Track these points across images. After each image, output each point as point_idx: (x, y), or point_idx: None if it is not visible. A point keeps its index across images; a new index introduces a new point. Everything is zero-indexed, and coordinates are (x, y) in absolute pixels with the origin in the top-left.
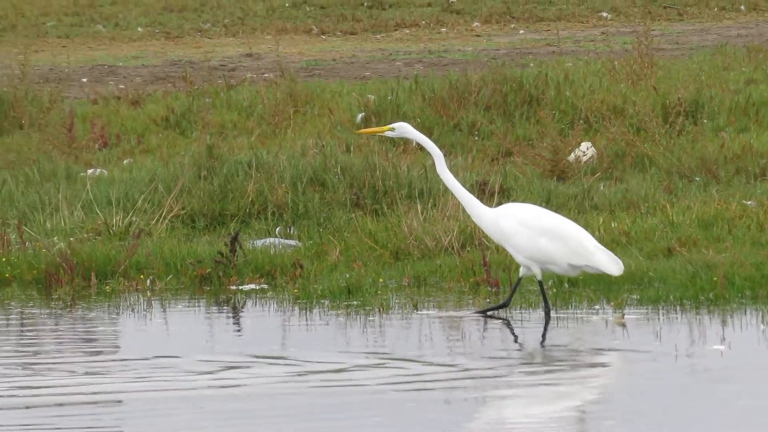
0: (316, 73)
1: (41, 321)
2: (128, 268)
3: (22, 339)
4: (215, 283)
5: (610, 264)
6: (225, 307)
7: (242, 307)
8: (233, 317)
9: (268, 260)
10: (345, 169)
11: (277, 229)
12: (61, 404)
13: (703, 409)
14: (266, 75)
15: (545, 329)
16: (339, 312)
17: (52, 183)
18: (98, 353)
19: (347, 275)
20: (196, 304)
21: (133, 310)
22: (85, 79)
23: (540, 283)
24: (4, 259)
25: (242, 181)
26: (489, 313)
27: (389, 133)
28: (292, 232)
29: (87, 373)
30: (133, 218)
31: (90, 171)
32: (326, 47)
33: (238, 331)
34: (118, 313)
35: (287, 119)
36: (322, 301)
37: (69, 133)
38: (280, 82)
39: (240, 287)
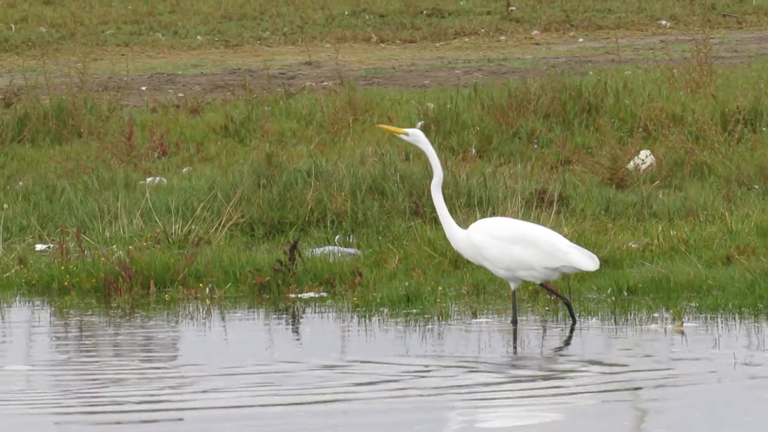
0: (375, 81)
1: (100, 329)
2: (187, 277)
3: (82, 348)
4: (274, 292)
5: (586, 261)
6: (284, 315)
7: (301, 315)
8: (292, 325)
9: (327, 268)
10: (404, 177)
11: (336, 238)
12: (119, 422)
13: (761, 417)
14: (325, 83)
15: (515, 337)
16: (398, 320)
17: (111, 191)
18: (157, 363)
19: (406, 283)
20: (255, 312)
21: (192, 318)
22: (144, 88)
23: (513, 294)
24: (63, 268)
25: (301, 189)
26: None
27: (403, 137)
28: (351, 240)
29: (146, 384)
30: (192, 226)
31: (149, 179)
32: (385, 55)
33: (298, 339)
34: (177, 322)
35: (346, 127)
36: (381, 309)
37: (128, 141)
38: (339, 90)
39: (299, 295)
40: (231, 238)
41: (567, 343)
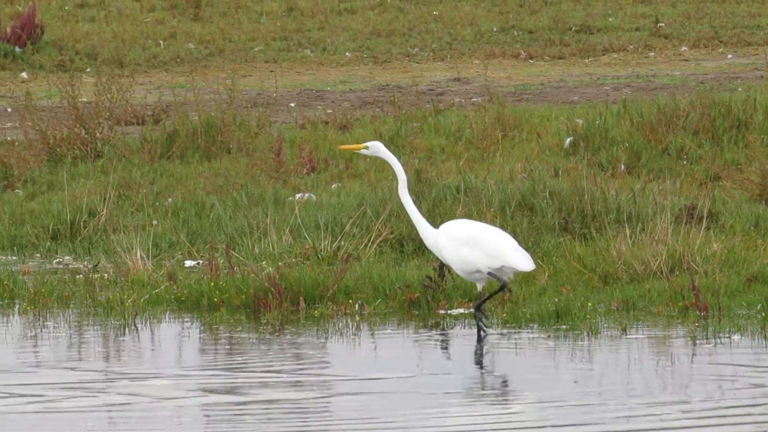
0: (524, 97)
1: (250, 346)
2: (336, 293)
3: (230, 364)
4: (424, 308)
5: (522, 261)
6: (434, 331)
7: (450, 330)
8: (442, 340)
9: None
10: (553, 193)
11: None
12: None
13: None
14: (474, 99)
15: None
16: (548, 336)
17: (260, 207)
18: (310, 384)
19: (556, 299)
20: (405, 328)
21: (341, 334)
22: (292, 104)
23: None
24: (212, 284)
25: (450, 205)
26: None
27: (364, 151)
28: None
29: (300, 412)
30: (342, 243)
31: (298, 195)
32: (534, 72)
33: (448, 355)
34: (326, 338)
35: (495, 143)
36: (531, 325)
37: (277, 157)
38: (488, 106)
39: (448, 311)
40: (380, 254)
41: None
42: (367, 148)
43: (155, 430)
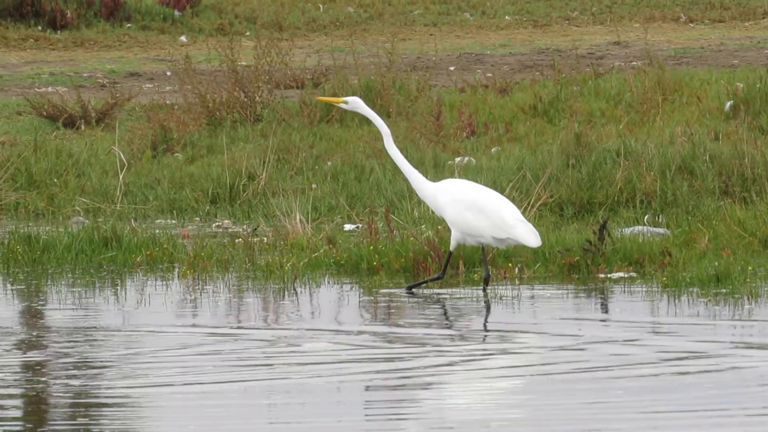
0: (684, 60)
1: (409, 309)
2: (496, 257)
3: (389, 328)
4: (583, 272)
5: (529, 236)
6: (596, 295)
7: (610, 294)
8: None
9: (636, 248)
10: (714, 157)
11: (646, 217)
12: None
13: None
14: (634, 63)
15: (485, 291)
16: (708, 300)
17: (419, 171)
18: (471, 352)
19: (716, 263)
20: (565, 292)
21: (501, 299)
22: (452, 68)
23: (450, 254)
24: (372, 248)
25: (610, 169)
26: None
27: (342, 105)
28: (660, 220)
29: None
30: None
31: (458, 159)
32: (694, 35)
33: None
34: (486, 302)
35: (655, 107)
36: (691, 289)
37: (437, 121)
38: (648, 70)
39: (608, 275)
40: (540, 217)
41: None
42: (346, 102)
43: (314, 396)
